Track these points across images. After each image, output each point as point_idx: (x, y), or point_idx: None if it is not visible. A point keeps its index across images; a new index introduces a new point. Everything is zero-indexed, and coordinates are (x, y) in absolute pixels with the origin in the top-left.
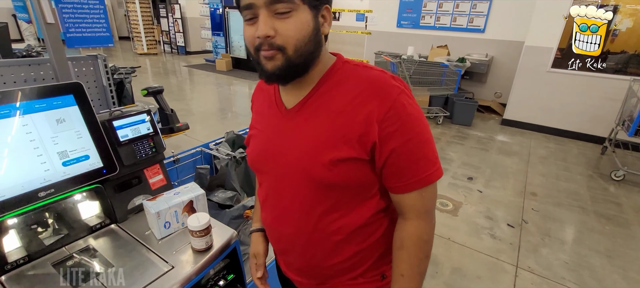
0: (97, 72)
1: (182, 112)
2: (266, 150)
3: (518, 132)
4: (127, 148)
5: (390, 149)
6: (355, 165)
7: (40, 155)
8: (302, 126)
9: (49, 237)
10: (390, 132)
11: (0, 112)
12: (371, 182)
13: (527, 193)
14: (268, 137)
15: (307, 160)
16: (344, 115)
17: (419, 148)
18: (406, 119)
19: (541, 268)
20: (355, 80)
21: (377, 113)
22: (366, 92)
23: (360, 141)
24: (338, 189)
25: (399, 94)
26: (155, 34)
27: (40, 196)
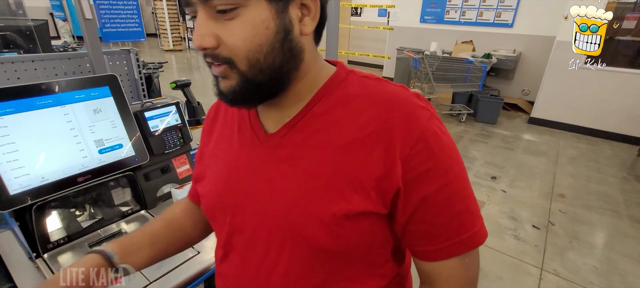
0: (129, 65)
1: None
2: (232, 191)
3: (546, 131)
4: (157, 139)
5: (420, 198)
6: (368, 223)
7: (79, 142)
8: (290, 161)
9: (85, 220)
10: (420, 173)
11: (45, 101)
12: (385, 243)
13: (555, 194)
14: (236, 172)
15: (297, 213)
16: (353, 149)
17: (459, 197)
18: (441, 155)
19: (568, 271)
20: (367, 99)
21: (402, 147)
22: (383, 117)
23: (377, 188)
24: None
25: (428, 119)
26: (180, 30)
27: (78, 181)
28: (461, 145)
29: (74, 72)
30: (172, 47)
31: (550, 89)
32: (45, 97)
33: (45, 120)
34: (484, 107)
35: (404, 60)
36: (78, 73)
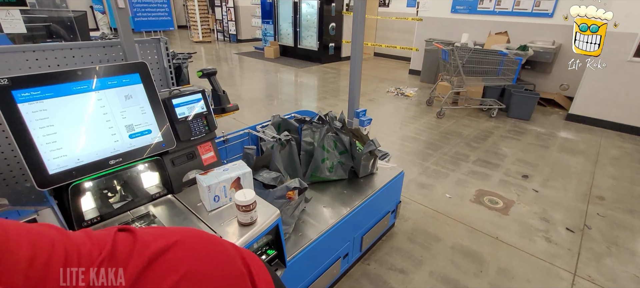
0: (159, 54)
1: (231, 97)
2: None
3: (585, 129)
4: (184, 125)
5: None
6: None
7: (111, 127)
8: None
9: (116, 202)
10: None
11: (81, 87)
12: None
13: (593, 196)
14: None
15: None
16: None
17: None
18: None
19: (604, 279)
20: None
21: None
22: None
23: None
24: None
25: None
26: (209, 22)
27: (110, 164)
28: (490, 142)
29: (108, 60)
30: (202, 38)
31: (593, 83)
32: (81, 83)
33: (81, 105)
34: (518, 102)
35: (433, 52)
36: (112, 61)
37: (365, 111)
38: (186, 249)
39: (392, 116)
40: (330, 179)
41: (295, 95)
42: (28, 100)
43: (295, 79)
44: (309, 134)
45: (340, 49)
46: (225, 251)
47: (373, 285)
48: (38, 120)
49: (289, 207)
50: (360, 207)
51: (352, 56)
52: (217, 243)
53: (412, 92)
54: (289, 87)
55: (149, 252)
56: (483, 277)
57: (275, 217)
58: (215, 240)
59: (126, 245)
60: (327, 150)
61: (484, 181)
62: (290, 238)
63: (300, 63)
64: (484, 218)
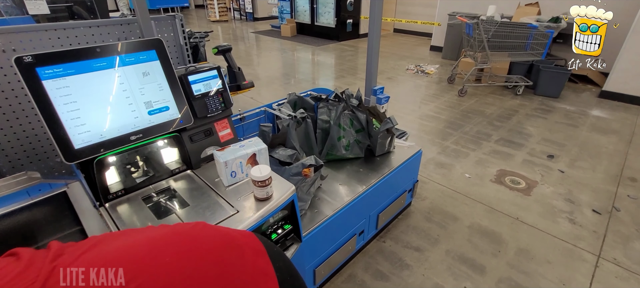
0: (175, 31)
1: (249, 76)
2: None
3: (621, 107)
4: (200, 102)
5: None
6: None
7: (131, 104)
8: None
9: (139, 176)
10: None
11: (100, 64)
12: None
13: (624, 178)
14: None
15: None
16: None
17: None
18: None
19: (631, 262)
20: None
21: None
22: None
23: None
24: None
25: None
26: (226, 1)
27: (131, 139)
28: (515, 121)
29: (126, 38)
30: (219, 17)
31: (632, 57)
32: (100, 60)
33: (101, 82)
34: (546, 78)
35: (456, 26)
36: (130, 39)
37: (382, 88)
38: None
39: (412, 94)
40: (347, 157)
41: (312, 74)
42: (51, 77)
43: (312, 57)
44: (325, 111)
45: (358, 25)
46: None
47: (388, 262)
48: (62, 96)
49: (305, 184)
50: (376, 185)
51: (370, 31)
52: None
53: (432, 70)
54: (306, 65)
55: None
56: (501, 257)
57: (291, 192)
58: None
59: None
60: (343, 128)
61: (506, 161)
62: (306, 215)
63: (318, 41)
64: (504, 199)
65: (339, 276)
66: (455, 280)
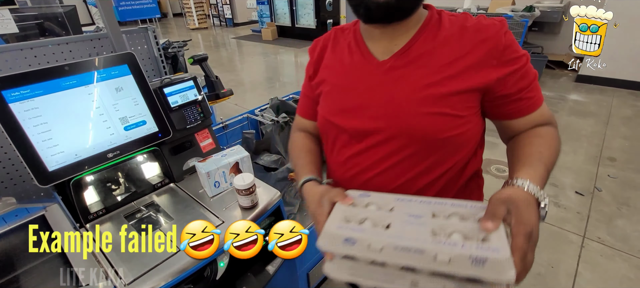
0: (148, 43)
1: (232, 83)
2: (352, 105)
3: (596, 90)
4: (178, 114)
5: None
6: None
7: (105, 120)
8: (403, 79)
9: (120, 194)
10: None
11: (70, 82)
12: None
13: (603, 158)
14: (353, 90)
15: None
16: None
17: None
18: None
19: (614, 239)
20: (458, 30)
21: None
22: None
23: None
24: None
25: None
26: (204, 8)
27: (108, 157)
28: None
29: (98, 53)
30: (198, 25)
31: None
32: (70, 78)
33: (72, 100)
34: None
35: None
36: (102, 54)
37: None
38: None
39: None
40: None
41: (296, 77)
42: (19, 100)
43: (296, 60)
44: None
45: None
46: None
47: None
48: (31, 119)
49: (292, 188)
50: None
51: None
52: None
53: None
54: (290, 68)
55: None
56: None
57: (277, 198)
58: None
59: None
60: None
61: (490, 150)
62: (295, 218)
63: (299, 43)
64: (491, 187)
65: None
66: None
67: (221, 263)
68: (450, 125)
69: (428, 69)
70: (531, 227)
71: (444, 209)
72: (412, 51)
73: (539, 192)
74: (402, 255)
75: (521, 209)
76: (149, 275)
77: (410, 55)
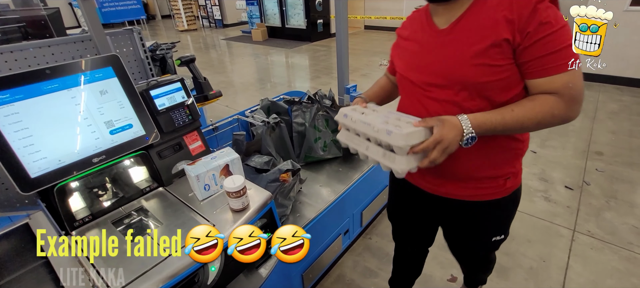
0: (134, 45)
1: (223, 84)
2: (420, 63)
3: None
4: (165, 117)
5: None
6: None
7: (90, 124)
8: (454, 41)
9: (108, 199)
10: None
11: (51, 86)
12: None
13: (591, 152)
14: (421, 53)
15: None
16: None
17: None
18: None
19: (603, 232)
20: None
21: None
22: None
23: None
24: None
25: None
26: (193, 9)
27: (94, 162)
28: None
29: (82, 56)
30: (187, 27)
31: None
32: (51, 82)
33: (54, 105)
34: None
35: None
36: (86, 56)
37: (355, 86)
38: None
39: None
40: (325, 158)
41: (287, 77)
42: None
43: (286, 60)
44: (300, 114)
45: (329, 25)
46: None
47: (376, 258)
48: (11, 124)
49: (284, 189)
50: (357, 182)
51: (337, 30)
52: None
53: None
54: (281, 69)
55: None
56: None
57: (268, 200)
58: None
59: None
60: (319, 130)
61: None
62: (288, 220)
63: (290, 43)
64: None
65: (327, 278)
66: (442, 268)
67: (212, 267)
68: (489, 72)
69: (472, 31)
70: (442, 139)
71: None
72: (463, 20)
73: (467, 126)
74: (361, 126)
75: (444, 127)
76: (139, 282)
77: (461, 23)
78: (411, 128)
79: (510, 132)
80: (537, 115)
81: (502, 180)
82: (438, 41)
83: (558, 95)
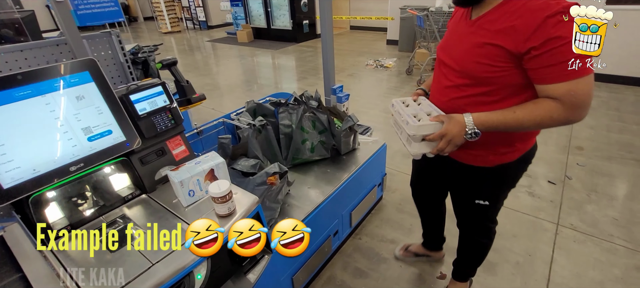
0: (112, 48)
1: (208, 87)
2: (447, 46)
3: None
4: (147, 121)
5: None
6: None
7: (66, 132)
8: (472, 34)
9: (88, 208)
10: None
11: (24, 92)
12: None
13: (572, 147)
14: (451, 38)
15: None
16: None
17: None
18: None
19: (585, 225)
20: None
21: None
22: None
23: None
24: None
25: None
26: (176, 11)
27: (71, 170)
28: None
29: (57, 60)
30: (170, 29)
31: None
32: (24, 88)
33: (28, 112)
34: None
35: (408, 19)
36: (61, 61)
37: (341, 87)
38: None
39: (374, 89)
40: (313, 159)
41: (274, 78)
42: None
43: (273, 61)
44: (286, 116)
45: (314, 25)
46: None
47: (366, 258)
48: None
49: (272, 192)
50: (345, 183)
51: (322, 31)
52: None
53: (391, 63)
54: (267, 70)
55: None
56: None
57: (255, 204)
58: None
59: None
60: (306, 131)
61: None
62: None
63: (276, 44)
64: None
65: (318, 280)
66: (431, 267)
67: (198, 275)
68: (486, 69)
69: (485, 30)
70: (447, 132)
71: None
72: (485, 17)
73: (470, 124)
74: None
75: (451, 123)
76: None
77: (483, 19)
78: (425, 121)
79: (512, 130)
80: (536, 118)
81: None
82: (465, 30)
83: (559, 101)
